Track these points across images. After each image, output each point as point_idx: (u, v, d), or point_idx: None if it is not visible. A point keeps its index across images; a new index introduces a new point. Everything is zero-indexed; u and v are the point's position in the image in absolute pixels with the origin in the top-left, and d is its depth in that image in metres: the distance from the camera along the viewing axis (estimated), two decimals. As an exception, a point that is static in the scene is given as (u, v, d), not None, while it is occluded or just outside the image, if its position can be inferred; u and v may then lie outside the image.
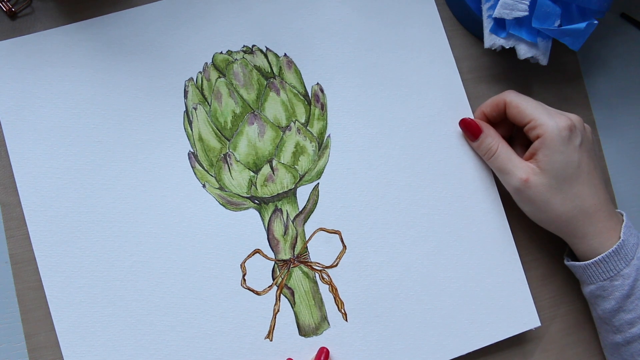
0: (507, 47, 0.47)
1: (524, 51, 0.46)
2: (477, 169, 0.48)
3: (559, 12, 0.44)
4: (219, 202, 0.46)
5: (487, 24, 0.47)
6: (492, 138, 0.46)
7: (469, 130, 0.47)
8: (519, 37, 0.46)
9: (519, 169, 0.44)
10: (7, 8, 0.47)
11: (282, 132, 0.47)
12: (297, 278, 0.46)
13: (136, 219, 0.45)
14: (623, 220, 0.44)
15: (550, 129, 0.43)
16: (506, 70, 0.51)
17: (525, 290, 0.47)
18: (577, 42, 0.44)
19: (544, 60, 0.47)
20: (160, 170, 0.46)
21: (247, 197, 0.46)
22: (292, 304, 0.46)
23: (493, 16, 0.46)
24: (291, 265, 0.46)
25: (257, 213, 0.46)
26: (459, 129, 0.49)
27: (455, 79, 0.49)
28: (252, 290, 0.45)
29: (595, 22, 0.44)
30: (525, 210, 0.46)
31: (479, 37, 0.50)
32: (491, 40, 0.47)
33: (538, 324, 0.47)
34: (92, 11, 0.47)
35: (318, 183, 0.47)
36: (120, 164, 0.46)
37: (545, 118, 0.43)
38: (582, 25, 0.43)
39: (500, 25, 0.47)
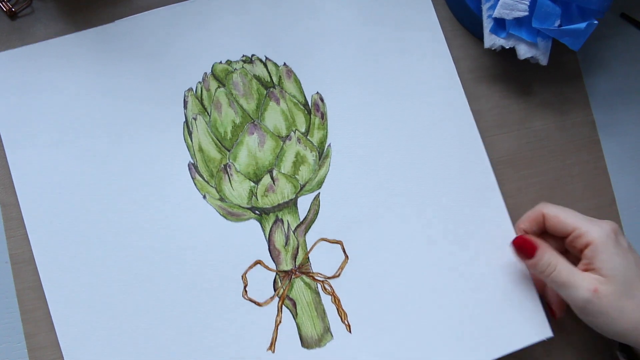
0: (507, 47, 0.47)
1: (524, 51, 0.46)
2: (481, 174, 0.47)
3: (559, 12, 0.43)
4: (219, 213, 0.46)
5: (487, 24, 0.47)
6: (549, 254, 0.43)
7: (524, 249, 0.44)
8: (519, 37, 0.46)
9: (584, 281, 0.41)
10: (7, 8, 0.47)
11: (282, 142, 0.46)
12: (299, 289, 0.45)
13: (137, 231, 0.45)
14: None
15: (599, 234, 0.42)
16: (506, 70, 0.51)
17: (534, 298, 0.46)
18: (577, 42, 0.44)
19: (544, 60, 0.47)
20: (160, 182, 0.46)
21: (247, 208, 0.46)
22: (294, 315, 0.45)
23: (493, 16, 0.45)
24: (293, 276, 0.45)
25: (257, 224, 0.46)
26: (460, 134, 0.47)
27: (455, 84, 0.48)
28: (254, 302, 0.45)
29: (595, 22, 0.43)
30: (595, 324, 0.42)
31: (479, 37, 0.50)
32: (491, 40, 0.47)
33: (550, 334, 0.46)
34: (92, 11, 0.48)
35: (319, 193, 0.46)
36: (121, 176, 0.46)
37: (589, 225, 0.42)
38: (582, 25, 0.43)
39: (500, 25, 0.46)
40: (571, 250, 0.45)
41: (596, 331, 0.43)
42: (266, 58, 0.48)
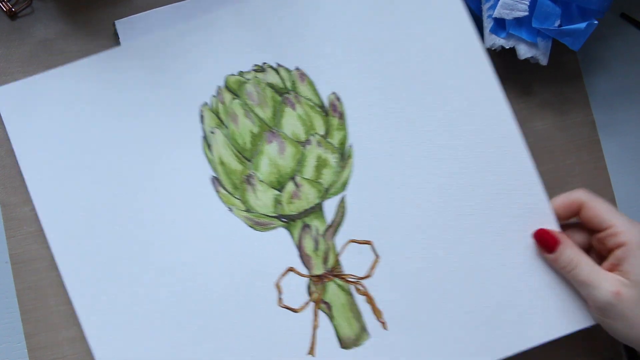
0: (507, 47, 0.47)
1: (524, 51, 0.47)
2: (518, 160, 0.46)
3: (559, 12, 0.45)
4: (247, 224, 0.45)
5: (487, 24, 0.48)
6: (571, 250, 0.42)
7: (546, 242, 0.43)
8: (519, 37, 0.47)
9: (607, 282, 0.40)
10: (7, 8, 0.46)
11: (302, 147, 0.46)
12: (333, 292, 0.46)
13: (168, 250, 0.44)
14: None
15: (636, 237, 0.40)
16: (506, 70, 0.51)
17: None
18: (577, 42, 0.45)
19: (544, 60, 0.48)
20: (185, 198, 0.45)
21: (274, 217, 0.46)
22: (331, 317, 0.45)
23: (493, 16, 0.46)
24: (325, 279, 0.46)
25: (286, 231, 0.46)
26: (491, 127, 0.45)
27: (486, 71, 0.46)
28: (290, 309, 0.45)
29: (595, 22, 0.45)
30: (613, 327, 0.41)
31: (479, 37, 0.50)
32: (491, 40, 0.47)
33: (590, 322, 0.44)
34: (93, 11, 0.47)
35: (344, 195, 0.47)
36: (145, 196, 0.44)
37: (627, 224, 0.40)
38: (582, 25, 0.44)
39: (500, 25, 0.47)
40: (598, 246, 0.43)
41: (611, 335, 0.42)
42: (277, 65, 0.47)
